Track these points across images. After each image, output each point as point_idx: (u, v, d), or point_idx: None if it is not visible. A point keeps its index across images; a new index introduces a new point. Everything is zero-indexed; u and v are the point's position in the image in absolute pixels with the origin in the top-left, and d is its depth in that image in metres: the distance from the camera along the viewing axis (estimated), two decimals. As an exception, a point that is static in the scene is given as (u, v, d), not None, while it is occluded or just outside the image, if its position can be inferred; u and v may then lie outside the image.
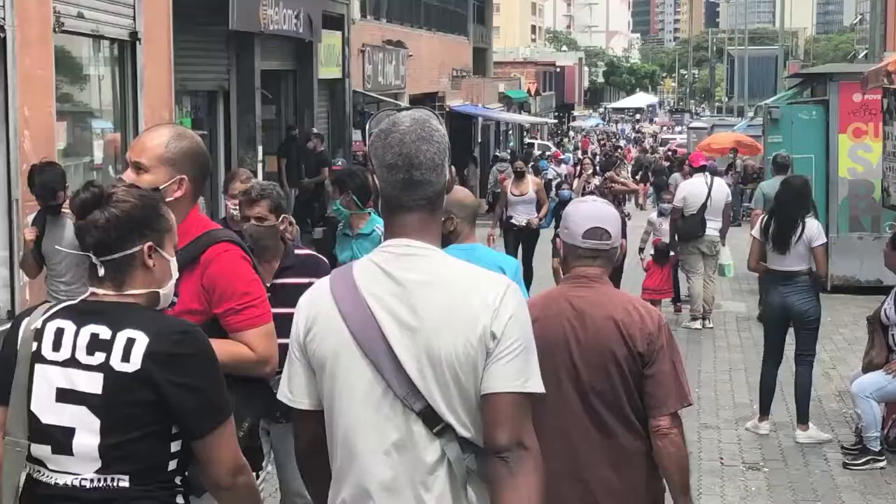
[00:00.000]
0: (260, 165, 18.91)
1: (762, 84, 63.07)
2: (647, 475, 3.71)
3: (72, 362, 2.88)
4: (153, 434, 2.88)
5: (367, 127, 3.03)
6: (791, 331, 8.84)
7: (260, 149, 18.95)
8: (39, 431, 2.90)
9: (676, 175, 18.46)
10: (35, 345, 2.91)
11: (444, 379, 2.71)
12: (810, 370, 8.80)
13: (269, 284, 5.16)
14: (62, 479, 2.89)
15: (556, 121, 67.63)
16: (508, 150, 42.62)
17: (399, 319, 2.74)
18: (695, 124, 56.38)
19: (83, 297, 2.99)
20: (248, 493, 3.04)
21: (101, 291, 2.96)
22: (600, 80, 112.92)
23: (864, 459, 8.04)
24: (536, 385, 2.75)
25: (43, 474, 2.91)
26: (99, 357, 2.86)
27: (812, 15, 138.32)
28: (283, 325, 4.94)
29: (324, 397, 2.84)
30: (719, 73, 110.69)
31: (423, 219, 2.83)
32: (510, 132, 51.53)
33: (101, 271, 2.95)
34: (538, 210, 15.29)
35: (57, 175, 8.45)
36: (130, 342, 2.85)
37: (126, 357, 2.85)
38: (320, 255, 5.88)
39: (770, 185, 14.10)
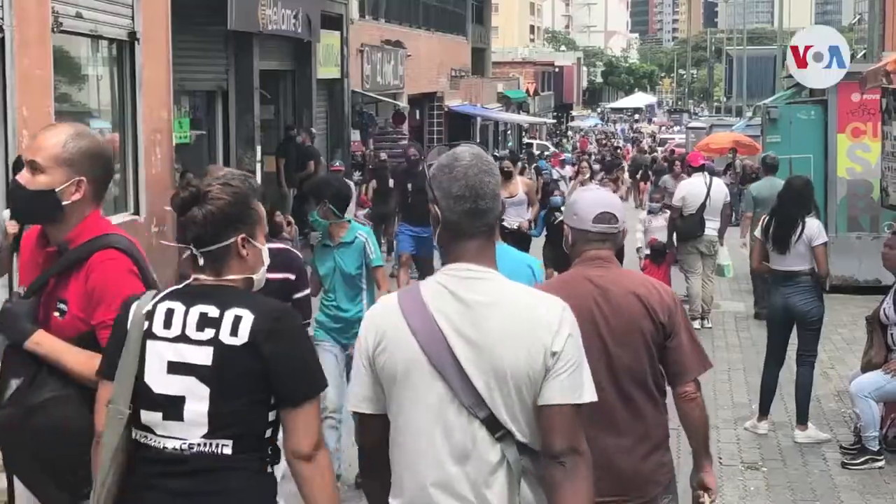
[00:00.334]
0: (259, 165, 18.91)
1: (761, 84, 63.06)
2: (663, 445, 3.92)
3: (182, 338, 3.21)
4: (256, 402, 3.18)
5: (427, 160, 3.25)
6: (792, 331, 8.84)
7: (259, 149, 18.95)
8: (151, 400, 3.20)
9: (666, 177, 18.42)
10: (146, 324, 3.24)
11: (506, 390, 3.00)
12: (812, 371, 8.80)
13: None
14: (170, 444, 3.19)
15: (554, 121, 67.64)
16: (507, 150, 42.62)
17: (465, 336, 3.03)
18: (693, 124, 56.37)
19: (187, 282, 3.32)
20: (325, 467, 3.24)
21: (202, 277, 3.30)
22: (599, 80, 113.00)
23: (862, 459, 8.04)
24: (590, 395, 3.06)
25: (150, 439, 3.22)
26: (209, 333, 3.19)
27: (810, 15, 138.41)
28: None
29: (391, 404, 3.11)
30: (718, 73, 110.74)
31: (482, 244, 3.13)
32: (509, 132, 51.55)
33: (201, 261, 3.28)
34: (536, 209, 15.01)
35: None
36: (238, 319, 3.19)
37: (234, 332, 3.17)
38: (293, 250, 5.82)
39: (758, 187, 14.20)
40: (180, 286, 3.33)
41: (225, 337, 3.18)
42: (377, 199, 18.18)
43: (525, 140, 53.63)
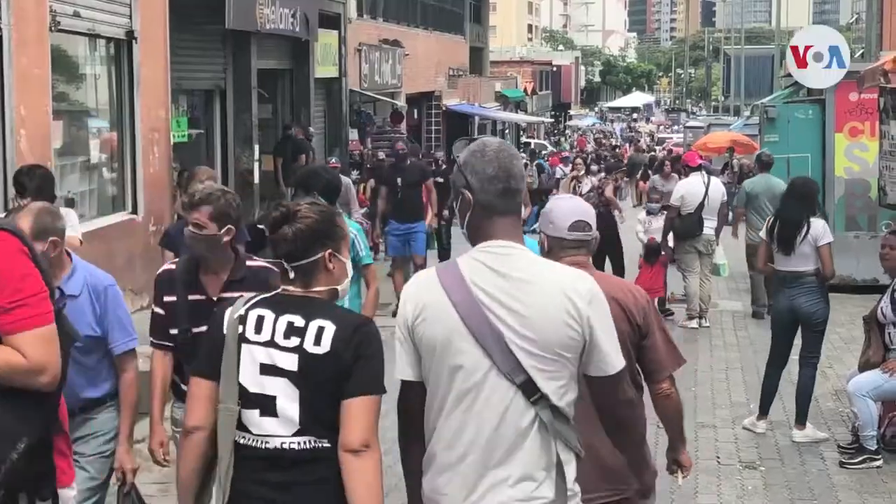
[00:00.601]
0: (256, 164, 18.91)
1: (758, 83, 63.03)
2: (641, 437, 4.02)
3: (271, 343, 3.51)
4: (339, 402, 3.47)
5: (453, 152, 3.41)
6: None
7: (256, 148, 18.94)
8: (248, 399, 3.51)
9: (656, 177, 18.42)
10: (240, 328, 3.54)
11: (540, 356, 3.27)
12: (814, 372, 8.78)
13: (215, 298, 4.97)
14: (271, 443, 3.49)
15: (552, 120, 67.63)
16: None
17: (504, 307, 3.28)
18: (691, 123, 56.40)
19: (276, 292, 3.62)
20: (372, 466, 3.45)
21: (291, 289, 3.60)
22: (597, 79, 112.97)
23: (860, 458, 8.04)
24: (619, 363, 3.41)
25: (248, 439, 3.51)
26: (294, 341, 3.50)
27: (808, 14, 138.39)
28: None
29: (430, 371, 3.36)
30: (716, 72, 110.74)
31: (513, 222, 3.41)
32: (507, 131, 51.50)
33: (291, 274, 3.59)
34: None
35: (50, 181, 7.75)
36: (321, 329, 3.49)
37: (318, 341, 3.48)
38: (273, 268, 4.82)
39: (753, 183, 14.46)
40: (269, 295, 3.62)
41: (309, 346, 3.49)
42: (375, 198, 18.15)
43: (523, 139, 53.63)
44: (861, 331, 8.94)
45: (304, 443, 3.49)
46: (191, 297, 5.09)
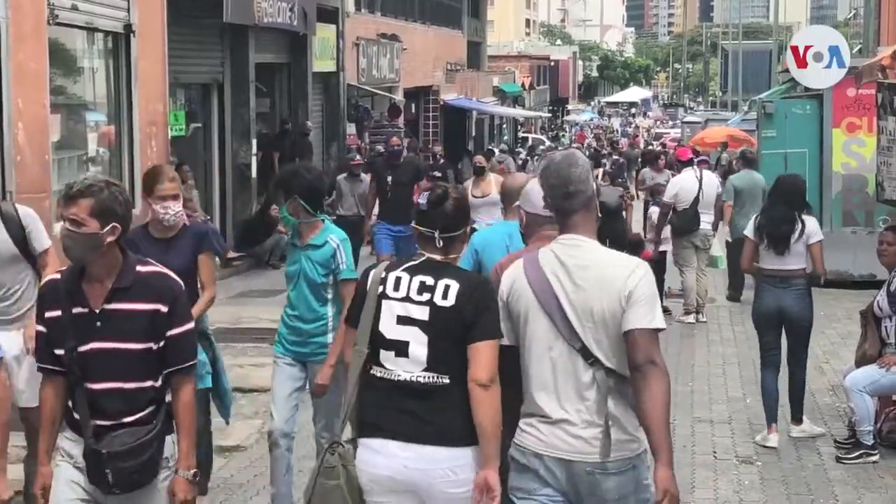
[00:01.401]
0: (254, 158, 18.90)
1: (756, 78, 63.11)
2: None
3: (407, 299, 4.34)
4: (460, 346, 4.26)
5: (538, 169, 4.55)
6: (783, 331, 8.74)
7: (254, 142, 18.93)
8: (386, 343, 4.35)
9: (646, 171, 18.44)
10: (380, 287, 4.39)
11: (594, 328, 4.09)
12: (804, 370, 8.74)
13: (97, 310, 4.34)
14: (403, 375, 4.32)
15: (550, 115, 67.59)
16: (503, 145, 42.60)
17: (566, 288, 4.14)
18: (689, 119, 56.41)
19: (422, 257, 4.44)
20: (495, 397, 4.22)
21: (434, 256, 4.44)
22: (594, 74, 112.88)
23: (857, 453, 8.04)
24: (660, 322, 4.08)
25: (384, 372, 4.35)
26: (426, 296, 4.33)
27: (806, 9, 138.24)
28: (115, 363, 4.37)
29: (519, 337, 4.24)
30: (713, 67, 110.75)
31: (580, 218, 4.23)
32: (504, 126, 51.50)
33: (440, 243, 4.45)
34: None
35: None
36: (448, 287, 4.33)
37: (445, 296, 4.31)
38: (170, 274, 4.49)
39: (739, 178, 14.67)
40: (410, 259, 4.48)
41: (438, 300, 4.31)
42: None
43: (520, 134, 53.60)
44: (858, 326, 8.94)
45: (429, 378, 4.31)
46: (74, 311, 4.38)
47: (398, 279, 4.39)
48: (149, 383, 4.41)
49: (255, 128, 19.03)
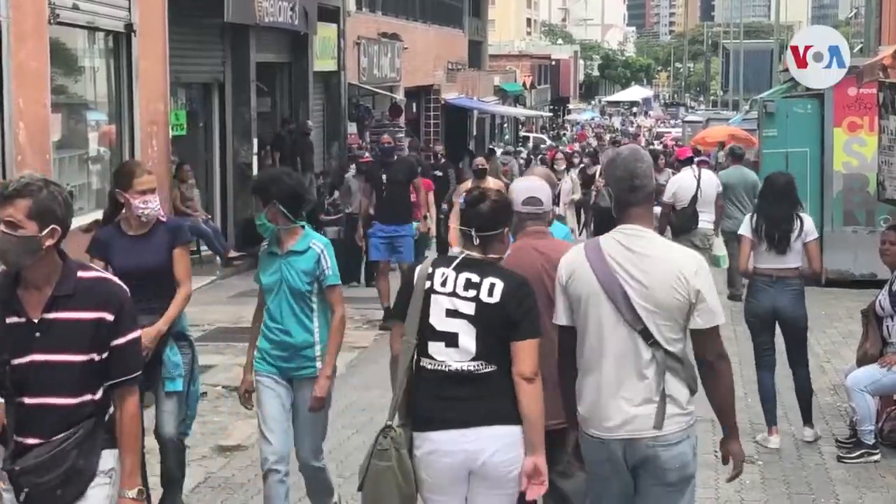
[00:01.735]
0: (255, 158, 18.90)
1: (757, 78, 63.03)
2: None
3: (454, 294, 4.68)
4: (504, 340, 4.65)
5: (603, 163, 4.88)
6: (779, 335, 8.67)
7: (255, 141, 18.93)
8: (436, 334, 4.69)
9: None
10: (428, 283, 4.71)
11: (655, 312, 4.45)
12: (808, 372, 8.67)
13: (35, 320, 4.02)
14: (454, 365, 4.66)
15: (551, 114, 67.58)
16: (508, 146, 42.56)
17: (629, 274, 4.47)
18: (690, 118, 56.38)
19: (462, 254, 4.76)
20: (539, 389, 4.63)
21: (472, 253, 4.76)
22: (595, 73, 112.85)
23: (858, 453, 8.04)
24: (721, 318, 4.52)
25: (434, 363, 4.70)
26: (471, 292, 4.67)
27: (807, 9, 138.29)
28: (54, 377, 4.00)
29: (578, 319, 4.58)
30: (714, 66, 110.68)
31: (642, 211, 4.57)
32: (505, 125, 51.49)
33: (476, 241, 4.76)
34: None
35: None
36: (493, 285, 4.66)
37: (490, 293, 4.65)
38: (115, 280, 4.22)
39: (727, 175, 14.94)
40: (453, 257, 4.83)
41: (483, 296, 4.65)
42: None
43: (521, 133, 53.59)
44: (859, 325, 8.92)
45: (477, 366, 4.65)
46: (8, 321, 4.06)
47: (444, 274, 4.73)
48: (88, 397, 4.05)
49: (256, 127, 19.03)
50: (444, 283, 4.70)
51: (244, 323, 12.33)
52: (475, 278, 4.68)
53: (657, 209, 14.54)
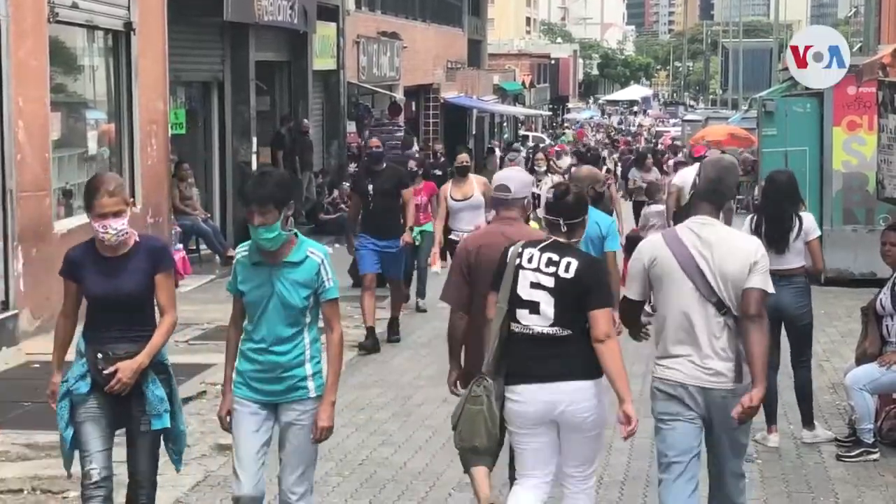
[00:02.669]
0: (254, 156, 18.91)
1: (756, 77, 63.01)
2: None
3: (538, 270, 5.56)
4: (578, 308, 5.51)
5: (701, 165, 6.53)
6: (783, 333, 8.65)
7: (254, 140, 18.93)
8: (522, 303, 5.57)
9: (633, 171, 18.52)
10: (518, 260, 5.61)
11: (727, 286, 5.53)
12: (809, 372, 8.61)
13: None
14: (536, 329, 5.55)
15: (550, 113, 67.56)
16: (507, 140, 42.48)
17: (704, 256, 5.55)
18: (689, 117, 56.40)
19: (550, 238, 5.63)
20: (616, 348, 5.45)
21: (559, 238, 5.64)
22: (595, 72, 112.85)
23: (857, 451, 8.03)
24: (771, 288, 5.62)
25: (521, 328, 5.58)
26: (551, 269, 5.54)
27: (806, 8, 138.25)
28: None
29: (658, 293, 5.65)
30: (714, 65, 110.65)
31: (714, 208, 5.72)
32: (505, 124, 51.48)
33: (564, 228, 5.64)
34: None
35: None
36: (569, 263, 5.53)
37: (567, 270, 5.52)
38: None
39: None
40: (542, 240, 5.65)
41: (561, 272, 5.52)
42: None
43: (521, 132, 53.58)
44: (858, 324, 8.90)
45: (555, 331, 5.53)
46: None
47: (531, 254, 5.61)
48: None
49: (256, 126, 19.03)
50: (530, 261, 5.58)
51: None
52: (555, 258, 5.55)
53: (648, 208, 14.72)
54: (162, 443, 5.84)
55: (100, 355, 5.63)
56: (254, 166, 18.83)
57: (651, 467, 7.89)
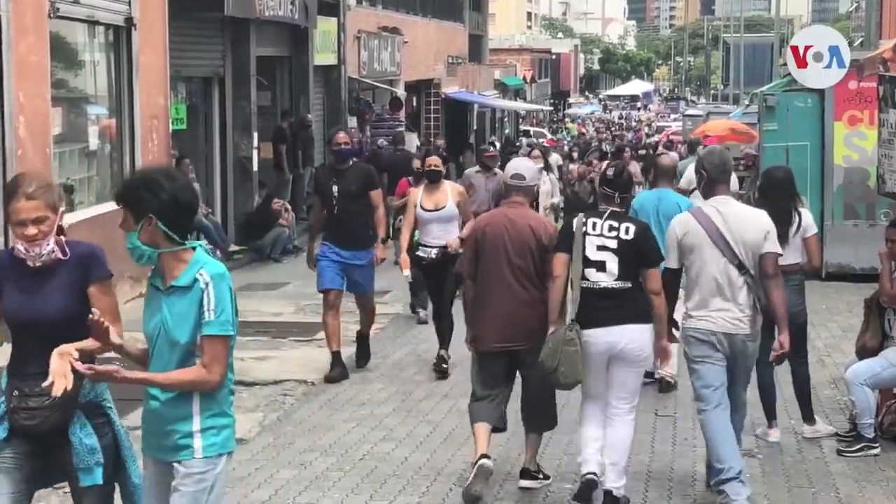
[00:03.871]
0: (255, 152, 18.91)
1: (758, 72, 62.95)
2: (541, 310, 7.03)
3: (601, 235, 6.81)
4: (635, 266, 6.81)
5: (702, 157, 7.53)
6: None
7: (255, 135, 18.93)
8: (590, 263, 6.81)
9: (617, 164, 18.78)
10: (583, 227, 6.83)
11: (747, 251, 6.83)
12: (807, 369, 8.59)
13: None
14: (602, 284, 6.80)
15: (551, 108, 67.55)
16: (505, 138, 42.48)
17: (728, 228, 6.83)
18: (690, 112, 56.37)
19: (608, 209, 6.96)
20: (662, 302, 6.85)
21: (614, 209, 6.95)
22: (596, 67, 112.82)
23: (857, 446, 8.04)
24: (780, 249, 6.99)
25: (590, 284, 6.81)
26: (614, 233, 6.80)
27: (808, 2, 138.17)
28: None
29: (690, 261, 6.91)
30: (715, 60, 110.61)
31: (727, 188, 7.11)
32: (506, 119, 51.47)
33: (618, 200, 7.00)
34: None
35: None
36: (628, 227, 6.84)
37: (627, 233, 6.80)
38: None
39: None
40: (600, 210, 6.96)
41: (622, 234, 6.80)
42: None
43: (522, 127, 53.58)
44: (859, 319, 8.89)
45: (618, 285, 6.80)
46: None
47: (594, 222, 6.85)
48: None
49: (257, 121, 19.03)
50: (594, 227, 6.83)
51: (245, 317, 12.28)
52: (615, 224, 6.82)
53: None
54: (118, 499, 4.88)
55: (16, 392, 4.60)
56: (255, 161, 18.85)
57: (652, 462, 7.92)
